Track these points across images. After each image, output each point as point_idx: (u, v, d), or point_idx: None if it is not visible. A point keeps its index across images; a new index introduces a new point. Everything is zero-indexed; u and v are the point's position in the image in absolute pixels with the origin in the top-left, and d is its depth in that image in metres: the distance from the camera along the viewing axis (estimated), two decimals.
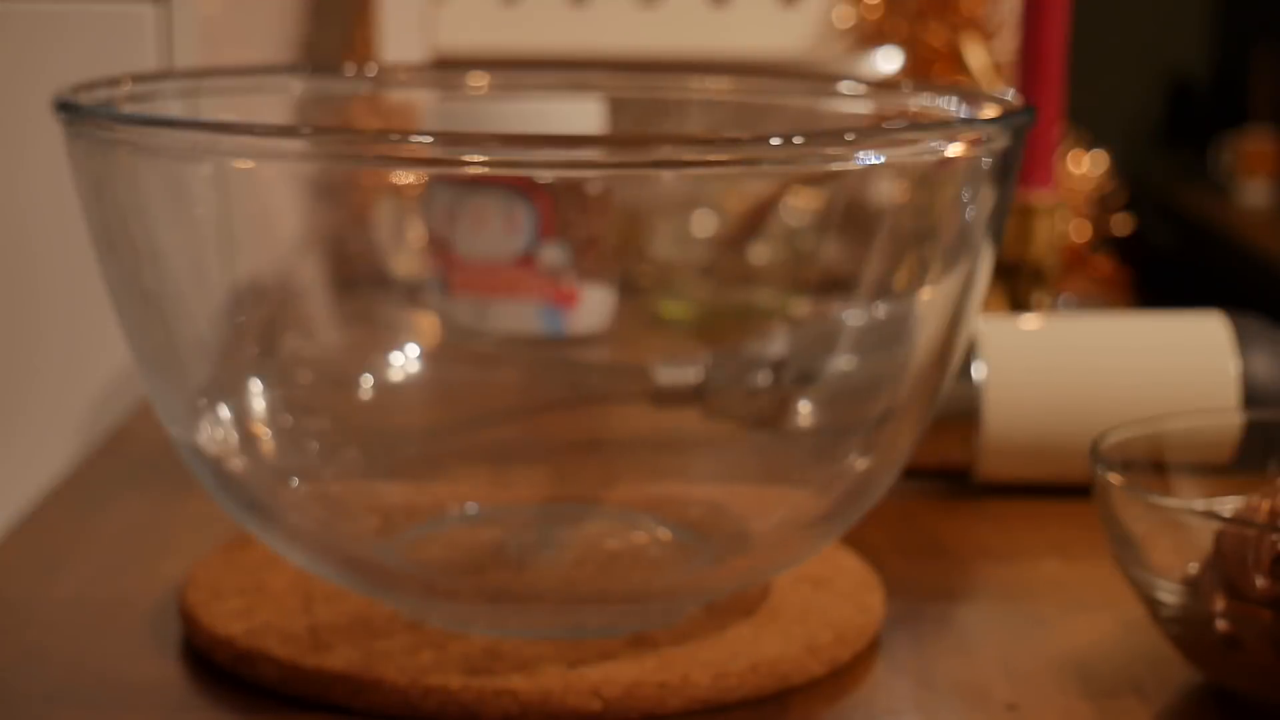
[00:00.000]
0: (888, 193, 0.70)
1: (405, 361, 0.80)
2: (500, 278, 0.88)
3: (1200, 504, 0.72)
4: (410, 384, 0.80)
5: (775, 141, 0.63)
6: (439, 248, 0.89)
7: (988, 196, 0.68)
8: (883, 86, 0.83)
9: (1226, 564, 0.64)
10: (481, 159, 0.63)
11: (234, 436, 0.71)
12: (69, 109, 0.66)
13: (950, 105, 0.76)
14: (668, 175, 0.64)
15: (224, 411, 0.71)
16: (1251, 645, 0.63)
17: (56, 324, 1.03)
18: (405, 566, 0.72)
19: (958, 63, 1.44)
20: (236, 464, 0.71)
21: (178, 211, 0.68)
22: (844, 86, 0.80)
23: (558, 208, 0.91)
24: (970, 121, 0.67)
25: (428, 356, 0.81)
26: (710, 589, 0.71)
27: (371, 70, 0.89)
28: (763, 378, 0.79)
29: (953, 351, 0.71)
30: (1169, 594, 0.65)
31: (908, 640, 0.72)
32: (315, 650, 0.67)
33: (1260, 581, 0.63)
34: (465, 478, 0.79)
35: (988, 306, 1.05)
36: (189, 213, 0.68)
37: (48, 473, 0.93)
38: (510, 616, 0.69)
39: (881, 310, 0.72)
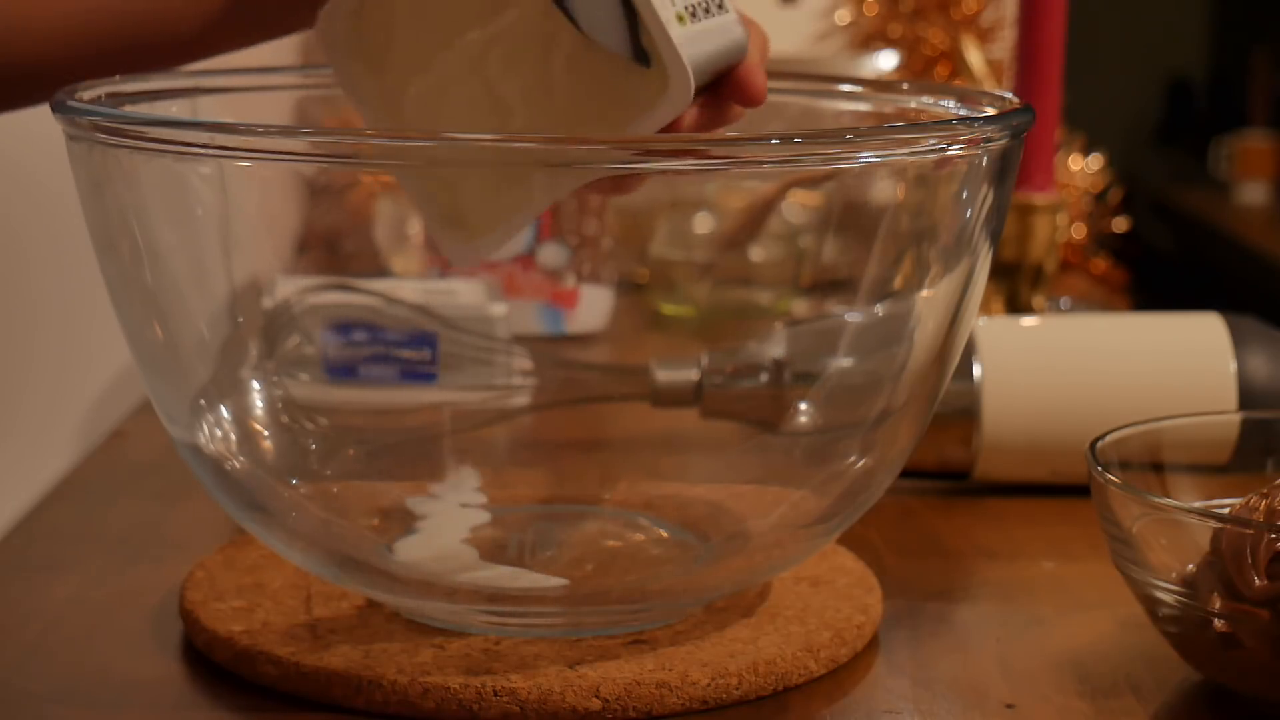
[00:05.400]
0: (887, 193, 0.70)
1: (405, 361, 0.80)
2: (500, 278, 0.88)
3: (1198, 504, 0.72)
4: (410, 384, 0.80)
5: (775, 141, 0.63)
6: (438, 247, 0.89)
7: (986, 196, 0.69)
8: (882, 86, 0.83)
9: (1224, 564, 0.64)
10: (480, 159, 0.63)
11: (234, 436, 0.71)
12: (69, 109, 0.66)
13: (949, 105, 0.76)
14: (668, 175, 0.64)
15: (224, 411, 0.71)
16: (1249, 644, 0.63)
17: (56, 324, 1.03)
18: (405, 566, 0.72)
19: (956, 63, 1.44)
20: (236, 464, 0.71)
21: (178, 211, 0.68)
22: (844, 86, 0.80)
23: (558, 208, 0.91)
24: (969, 121, 0.67)
25: (429, 356, 0.81)
26: (709, 589, 0.72)
27: None
28: (762, 378, 0.79)
29: (951, 351, 0.71)
30: (1167, 593, 0.65)
31: (906, 640, 0.72)
32: (315, 649, 0.67)
33: (1258, 581, 0.63)
34: (465, 478, 0.79)
35: (986, 306, 1.05)
36: (189, 213, 0.68)
37: (48, 473, 0.93)
38: (510, 616, 0.69)
39: (881, 310, 0.72)
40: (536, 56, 0.65)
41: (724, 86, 0.66)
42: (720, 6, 0.66)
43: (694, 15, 0.64)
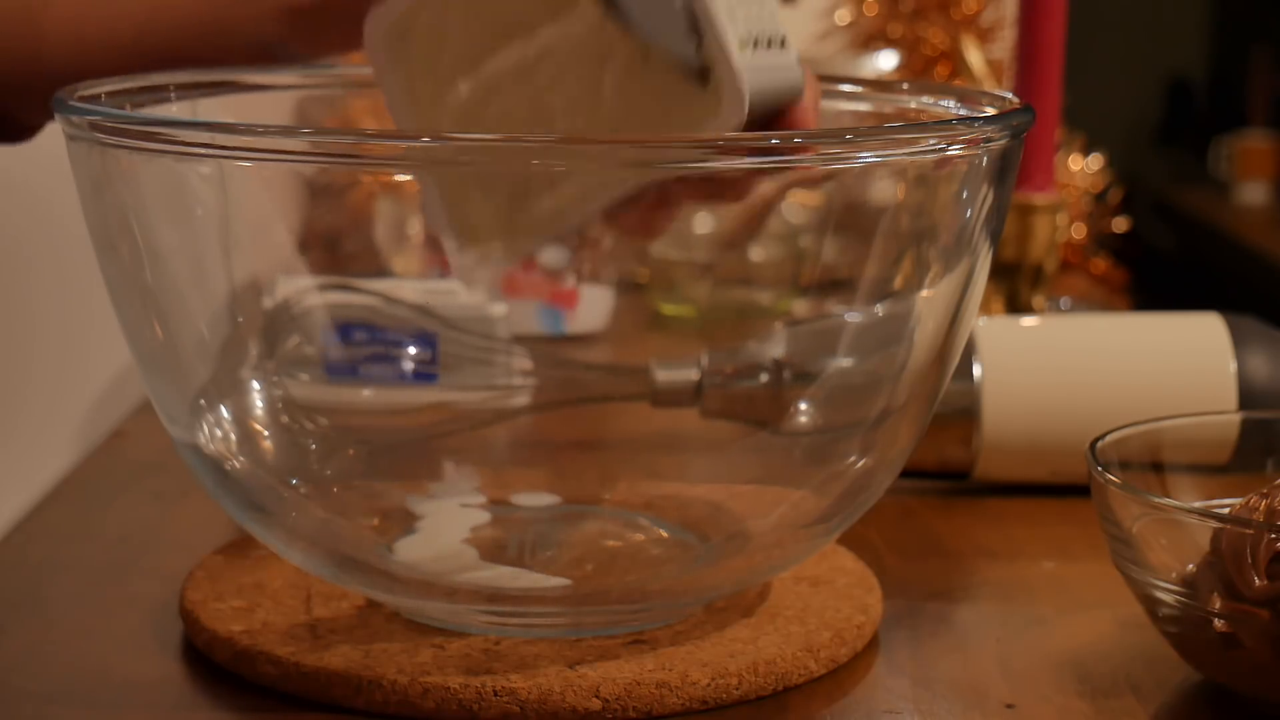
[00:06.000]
0: (887, 193, 0.70)
1: (406, 361, 0.80)
2: (500, 277, 0.88)
3: (1198, 504, 0.72)
4: (410, 384, 0.80)
5: (775, 141, 0.63)
6: (438, 247, 0.89)
7: (986, 196, 0.69)
8: (882, 86, 0.83)
9: (1224, 564, 0.64)
10: (480, 160, 0.63)
11: (234, 436, 0.71)
12: (69, 109, 0.66)
13: (949, 105, 0.76)
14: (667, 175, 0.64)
15: (224, 411, 0.71)
16: (1249, 644, 0.63)
17: (56, 324, 1.03)
18: (405, 566, 0.72)
19: (956, 63, 1.44)
20: (236, 464, 0.71)
21: (178, 211, 0.68)
22: (844, 86, 0.80)
23: None
24: (969, 121, 0.67)
25: (429, 356, 0.81)
26: (709, 589, 0.72)
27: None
28: (762, 378, 0.79)
29: (951, 351, 0.71)
30: (1167, 593, 0.65)
31: (906, 640, 0.72)
32: (315, 649, 0.67)
33: (1258, 581, 0.63)
34: (465, 478, 0.79)
35: (986, 306, 1.05)
36: (189, 213, 0.68)
37: (48, 473, 0.93)
38: (510, 616, 0.69)
39: (881, 310, 0.72)
40: (589, 70, 0.65)
41: (776, 128, 0.66)
42: (782, 45, 0.65)
43: (755, 45, 0.64)
